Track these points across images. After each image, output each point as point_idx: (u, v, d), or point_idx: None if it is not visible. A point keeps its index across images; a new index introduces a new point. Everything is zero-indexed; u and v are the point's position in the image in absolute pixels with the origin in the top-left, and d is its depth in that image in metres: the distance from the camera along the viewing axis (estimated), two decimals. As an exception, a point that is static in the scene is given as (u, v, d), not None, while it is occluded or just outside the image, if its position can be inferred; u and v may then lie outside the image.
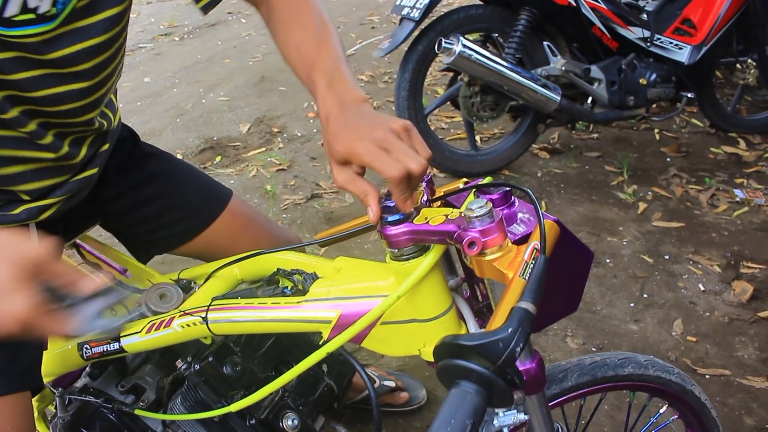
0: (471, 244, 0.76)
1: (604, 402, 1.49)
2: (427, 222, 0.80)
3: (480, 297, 1.00)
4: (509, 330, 0.65)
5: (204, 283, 1.15)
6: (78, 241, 1.35)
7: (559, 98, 2.79)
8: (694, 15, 3.06)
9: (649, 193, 2.98)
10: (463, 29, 2.78)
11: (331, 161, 0.84)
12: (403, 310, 0.88)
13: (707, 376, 1.98)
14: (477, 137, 3.32)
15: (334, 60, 0.95)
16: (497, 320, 0.68)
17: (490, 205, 0.75)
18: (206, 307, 1.00)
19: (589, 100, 2.99)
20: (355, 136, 0.80)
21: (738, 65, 3.36)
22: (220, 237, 1.30)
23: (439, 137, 3.15)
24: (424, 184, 0.89)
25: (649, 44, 3.00)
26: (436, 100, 3.06)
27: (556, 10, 2.76)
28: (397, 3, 2.80)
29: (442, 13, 2.80)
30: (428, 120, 3.02)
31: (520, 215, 0.86)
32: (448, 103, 3.05)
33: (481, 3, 2.86)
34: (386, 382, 1.84)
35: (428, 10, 2.65)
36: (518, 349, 0.64)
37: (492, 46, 3.04)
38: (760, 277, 2.42)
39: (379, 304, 0.84)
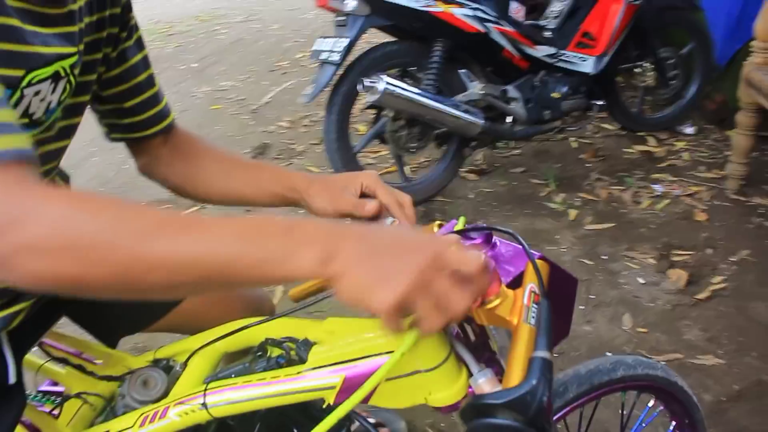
0: None
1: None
2: None
3: (472, 335, 1.02)
4: (534, 382, 0.68)
5: (187, 362, 1.11)
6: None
7: (482, 121, 2.91)
8: (593, 28, 3.26)
9: (577, 199, 3.13)
10: (382, 66, 2.87)
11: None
12: (406, 364, 0.86)
13: (663, 363, 2.08)
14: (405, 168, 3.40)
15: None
16: (515, 372, 0.71)
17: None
18: (203, 392, 0.97)
19: (509, 119, 3.13)
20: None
21: (636, 69, 3.59)
22: (191, 309, 1.25)
23: (371, 173, 3.20)
24: None
25: (556, 60, 3.17)
26: (364, 138, 3.13)
27: (468, 39, 2.90)
28: (315, 49, 2.87)
29: (360, 52, 2.89)
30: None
31: (503, 250, 0.89)
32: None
33: (395, 39, 2.97)
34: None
35: (347, 52, 2.73)
36: (545, 399, 0.67)
37: (409, 79, 3.15)
38: (691, 262, 2.58)
39: (385, 363, 0.81)
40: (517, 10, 3.07)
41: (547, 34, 3.23)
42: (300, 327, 1.02)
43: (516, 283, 0.81)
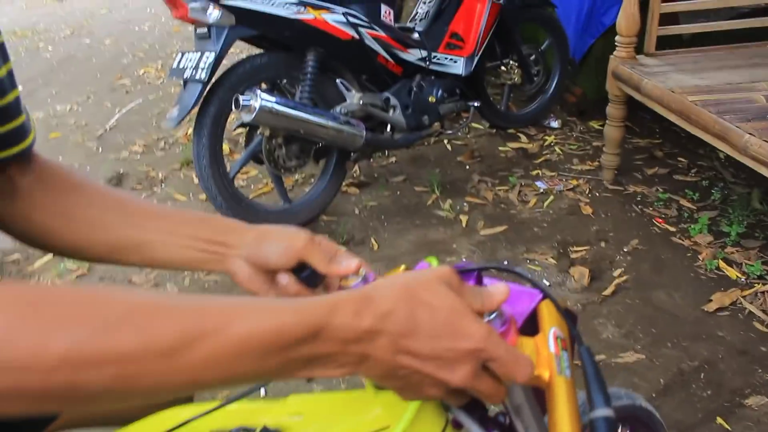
0: None
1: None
2: None
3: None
4: None
5: None
6: None
7: (364, 132, 2.77)
8: (460, 29, 3.23)
9: (465, 204, 3.07)
10: (252, 81, 2.64)
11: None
12: None
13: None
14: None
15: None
16: None
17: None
18: None
19: (388, 127, 3.01)
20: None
21: (503, 67, 3.61)
22: None
23: (247, 197, 2.97)
24: None
25: (428, 63, 3.10)
26: (239, 160, 2.88)
27: (341, 46, 2.74)
28: (176, 66, 2.58)
29: (226, 67, 2.64)
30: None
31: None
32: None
33: (263, 51, 2.74)
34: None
35: (215, 68, 2.47)
36: None
37: (280, 93, 2.94)
38: (589, 258, 2.60)
39: None
40: (387, 14, 2.96)
41: (417, 37, 3.15)
42: (254, 412, 0.82)
43: (525, 329, 0.67)
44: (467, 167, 3.44)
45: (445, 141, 3.73)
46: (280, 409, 0.83)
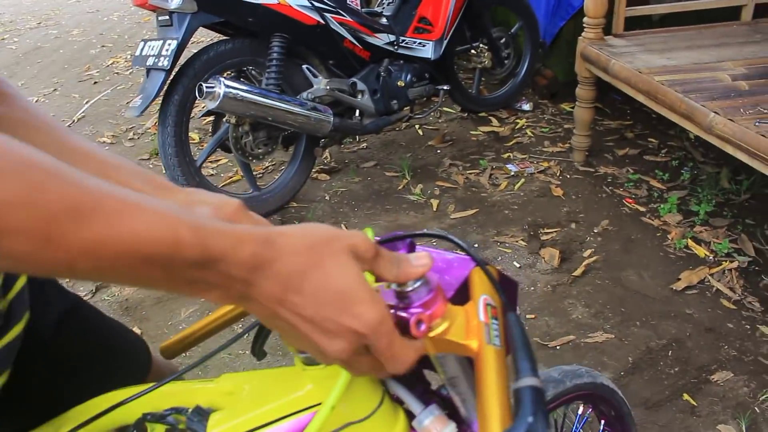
0: (418, 323, 0.61)
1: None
2: None
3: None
4: (530, 419, 0.52)
5: None
6: None
7: (332, 118, 2.74)
8: (428, 13, 3.20)
9: (436, 188, 3.05)
10: (216, 69, 2.60)
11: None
12: (336, 417, 0.71)
13: (558, 348, 2.05)
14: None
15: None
16: (494, 409, 0.55)
17: (434, 277, 0.60)
18: None
19: (357, 113, 2.98)
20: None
21: (473, 51, 3.59)
22: None
23: (216, 185, 2.93)
24: None
25: (396, 47, 3.07)
26: (206, 148, 2.84)
27: (307, 31, 2.70)
28: (139, 54, 2.53)
29: (190, 55, 2.59)
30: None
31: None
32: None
33: (227, 38, 2.70)
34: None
35: (177, 55, 2.43)
36: None
37: (246, 80, 2.90)
38: (559, 239, 2.59)
39: (312, 421, 0.66)
40: (353, -2, 2.92)
41: (385, 21, 3.11)
42: (185, 392, 0.81)
43: (458, 298, 0.66)
44: (438, 151, 3.42)
45: (416, 126, 3.71)
46: (212, 388, 0.81)
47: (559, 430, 1.31)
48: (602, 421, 1.33)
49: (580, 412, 1.27)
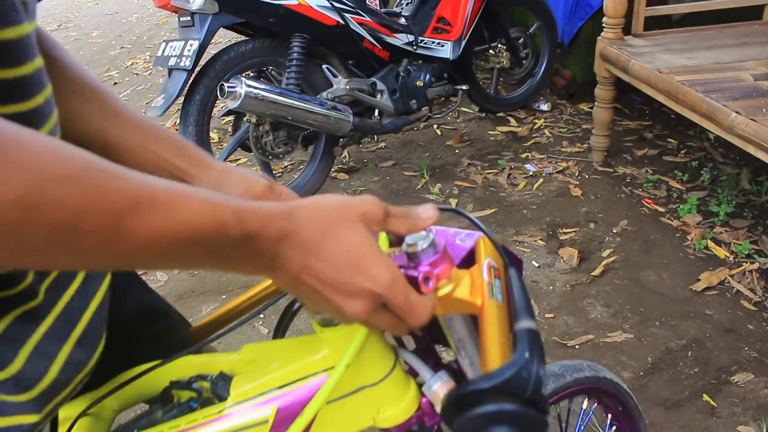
0: (426, 279, 0.65)
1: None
2: None
3: (414, 339, 0.88)
4: (526, 355, 0.56)
5: (71, 428, 0.86)
6: None
7: (351, 118, 2.76)
8: (446, 13, 3.21)
9: (454, 187, 3.06)
10: (237, 69, 2.62)
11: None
12: (349, 381, 0.74)
13: (577, 347, 2.06)
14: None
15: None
16: (493, 354, 0.60)
17: (432, 234, 0.66)
18: None
19: (376, 112, 3.00)
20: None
21: (491, 51, 3.60)
22: None
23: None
24: None
25: (415, 47, 3.08)
26: (226, 147, 2.87)
27: (327, 31, 2.72)
28: (160, 54, 2.56)
29: (210, 55, 2.62)
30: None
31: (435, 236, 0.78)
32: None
33: (247, 38, 2.72)
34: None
35: (199, 56, 2.46)
36: (542, 373, 0.56)
37: (266, 80, 2.92)
38: (578, 239, 2.59)
39: (325, 382, 0.69)
40: (372, -1, 2.94)
41: (404, 21, 3.13)
42: (210, 363, 0.85)
43: (467, 263, 0.70)
44: (457, 151, 3.43)
45: (435, 125, 3.72)
46: (234, 357, 0.85)
47: (564, 424, 1.32)
48: (609, 416, 1.33)
49: (584, 406, 1.28)
